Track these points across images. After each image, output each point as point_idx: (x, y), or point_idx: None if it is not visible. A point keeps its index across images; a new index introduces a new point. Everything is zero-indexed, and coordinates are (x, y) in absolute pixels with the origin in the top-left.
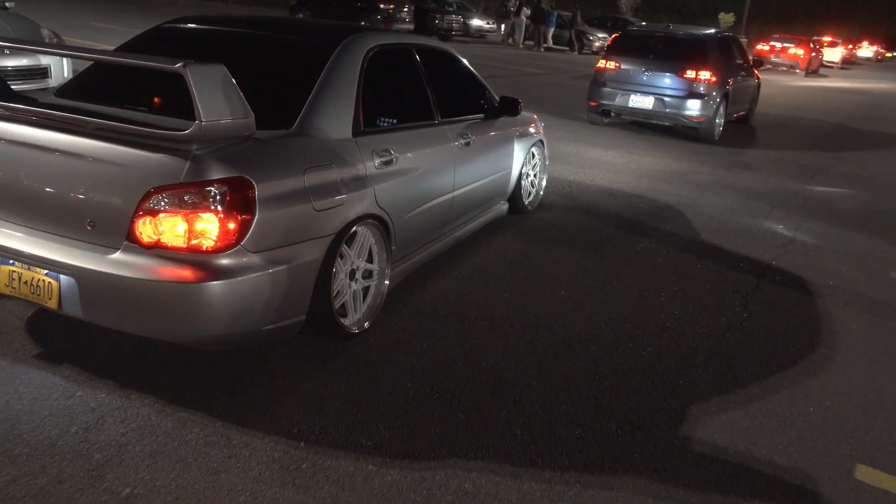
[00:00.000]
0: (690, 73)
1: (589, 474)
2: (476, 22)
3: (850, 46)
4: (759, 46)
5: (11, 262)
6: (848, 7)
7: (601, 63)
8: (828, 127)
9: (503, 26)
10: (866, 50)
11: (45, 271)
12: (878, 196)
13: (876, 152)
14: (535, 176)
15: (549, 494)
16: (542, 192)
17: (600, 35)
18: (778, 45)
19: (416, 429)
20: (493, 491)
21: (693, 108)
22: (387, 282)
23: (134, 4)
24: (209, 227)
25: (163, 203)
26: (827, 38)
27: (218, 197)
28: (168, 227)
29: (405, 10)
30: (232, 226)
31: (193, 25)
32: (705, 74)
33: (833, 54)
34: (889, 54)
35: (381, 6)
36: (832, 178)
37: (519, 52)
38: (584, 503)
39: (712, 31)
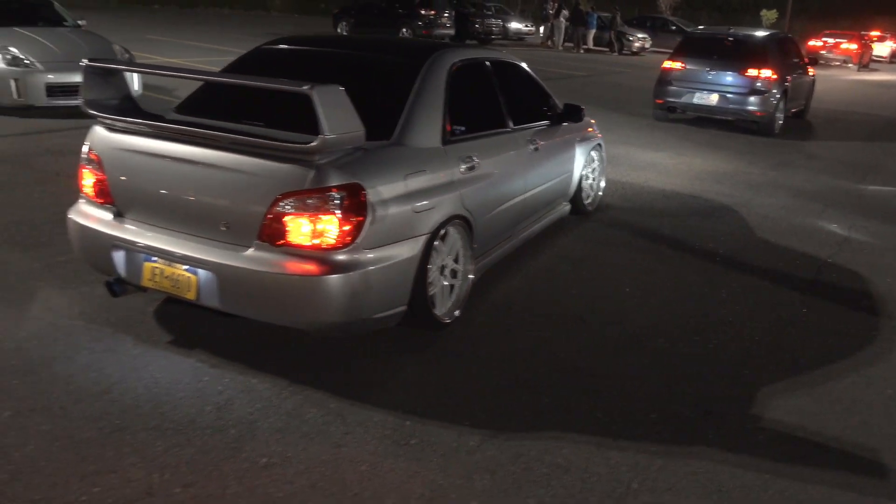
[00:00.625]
0: (752, 72)
1: (668, 452)
2: (514, 25)
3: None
4: (811, 43)
5: (154, 259)
6: (892, 1)
7: (667, 64)
8: (879, 122)
9: (542, 28)
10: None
11: (185, 267)
12: None
13: None
14: (594, 178)
15: (635, 468)
16: (601, 194)
17: (640, 35)
18: (830, 40)
19: (508, 411)
20: (583, 465)
21: (755, 103)
22: (470, 276)
23: (181, 17)
24: (329, 227)
25: (289, 207)
26: (875, 33)
27: (337, 201)
28: (294, 228)
29: (445, 15)
30: (348, 226)
31: (290, 47)
32: (766, 72)
33: (882, 49)
34: None
35: (422, 12)
36: (885, 175)
37: (559, 54)
38: (667, 477)
39: (771, 32)
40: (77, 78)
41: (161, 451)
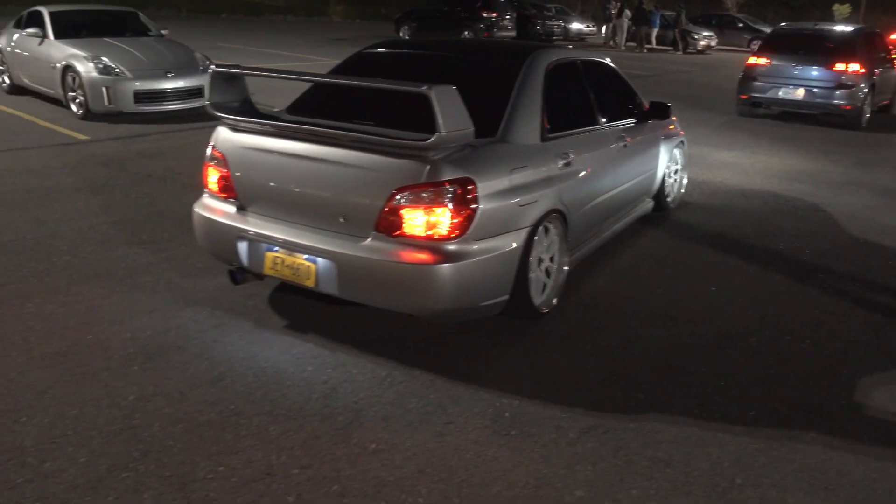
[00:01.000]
0: (840, 66)
1: (770, 449)
2: (576, 25)
3: None
4: (894, 36)
5: (276, 249)
6: None
7: (752, 60)
8: None
9: (604, 28)
10: None
11: (305, 256)
12: None
13: None
14: (676, 176)
15: (737, 463)
16: (682, 191)
17: (705, 34)
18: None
19: (604, 405)
20: (684, 459)
21: (842, 97)
22: (566, 268)
23: (247, 25)
24: (442, 219)
25: (405, 200)
26: None
27: (450, 194)
28: (409, 220)
29: (507, 17)
30: (459, 218)
31: (390, 50)
32: (854, 66)
33: None
34: None
35: (484, 15)
36: None
37: (621, 53)
38: (772, 473)
39: (857, 26)
40: (162, 85)
41: (276, 434)
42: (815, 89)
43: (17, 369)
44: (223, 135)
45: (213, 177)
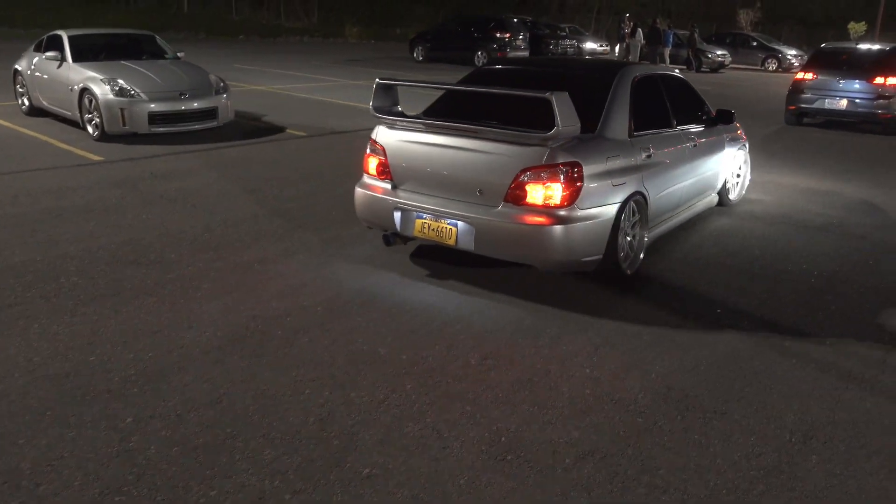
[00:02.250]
0: (879, 80)
1: (770, 476)
2: (589, 45)
3: None
4: None
5: (424, 216)
6: None
7: (800, 75)
8: None
9: (617, 48)
10: None
11: (448, 221)
12: None
13: None
14: (739, 174)
15: (735, 491)
16: (744, 190)
17: (719, 52)
18: None
19: (602, 429)
20: (681, 486)
21: (882, 107)
22: (646, 239)
23: (264, 47)
24: (556, 192)
25: (528, 177)
26: None
27: (563, 174)
28: (532, 192)
29: (521, 37)
30: (568, 191)
31: (503, 67)
32: (892, 80)
33: None
34: None
35: (497, 35)
36: None
37: None
38: (770, 501)
39: (893, 45)
40: (176, 106)
41: (270, 458)
42: (856, 100)
43: (18, 390)
44: (383, 131)
45: (372, 163)
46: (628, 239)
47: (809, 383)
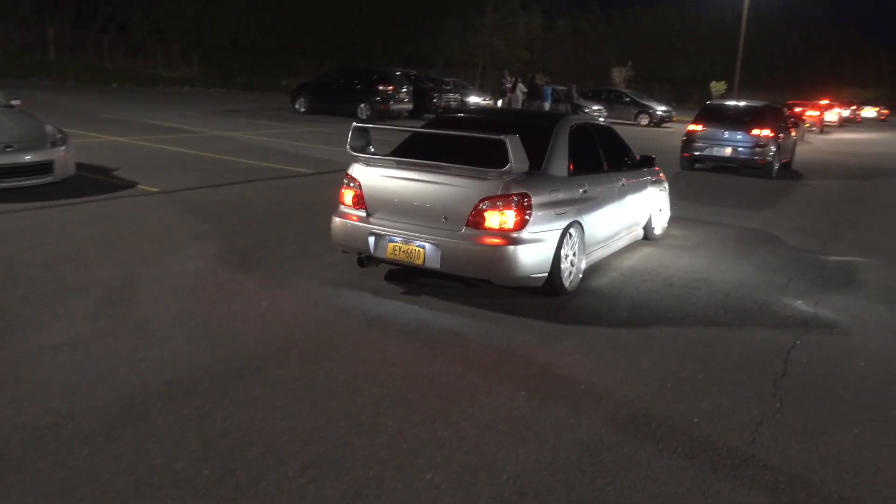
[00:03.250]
0: (756, 132)
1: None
2: (473, 98)
3: (854, 107)
4: (797, 109)
5: (396, 239)
6: (828, 73)
7: (692, 127)
8: (851, 164)
9: (500, 102)
10: (870, 111)
11: (417, 243)
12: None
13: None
14: (661, 211)
15: None
16: (666, 225)
17: (595, 107)
18: (797, 109)
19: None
20: None
21: (759, 154)
22: (583, 265)
23: (140, 96)
24: (510, 218)
25: (486, 205)
26: (824, 102)
27: (515, 203)
28: (489, 218)
29: (404, 90)
30: (519, 217)
31: (461, 115)
32: (766, 132)
33: (831, 115)
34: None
35: (380, 88)
36: (846, 245)
37: None
38: None
39: (766, 103)
40: (4, 160)
41: None
42: (739, 148)
43: None
44: (358, 167)
45: (348, 195)
46: (569, 261)
47: (676, 476)
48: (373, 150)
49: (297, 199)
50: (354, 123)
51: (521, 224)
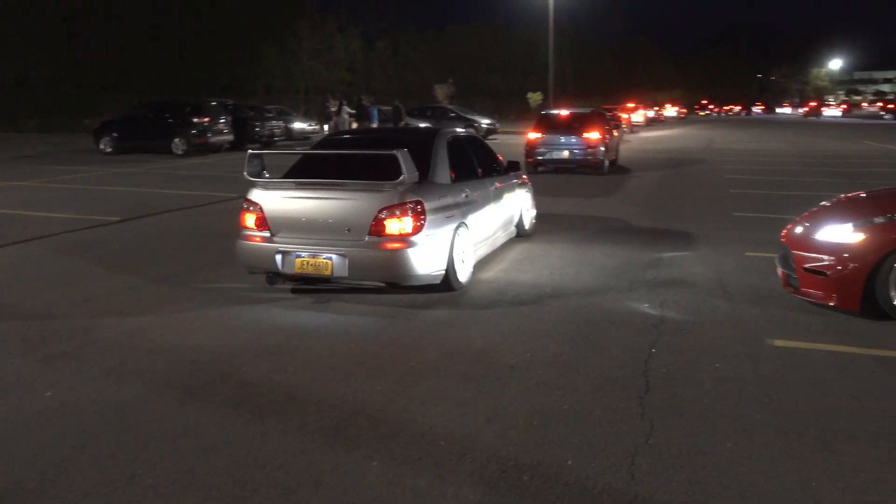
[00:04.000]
0: (587, 135)
1: None
2: (298, 125)
3: (657, 108)
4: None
5: (302, 255)
6: (628, 77)
7: (532, 135)
8: (663, 158)
9: (326, 127)
10: (671, 110)
11: (325, 256)
12: (718, 253)
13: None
14: (528, 210)
15: None
16: (534, 221)
17: (422, 125)
18: (607, 113)
19: None
20: None
21: (591, 154)
22: (473, 261)
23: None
24: (407, 224)
25: (385, 214)
26: (631, 105)
27: (411, 210)
28: (389, 225)
29: (222, 121)
30: (416, 223)
31: (344, 136)
32: (596, 135)
33: (637, 117)
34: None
35: (195, 120)
36: (673, 235)
37: None
38: None
39: (593, 109)
40: None
41: None
42: (574, 151)
43: None
44: (257, 192)
45: (250, 219)
46: (461, 259)
47: None
48: (267, 175)
49: (98, 255)
50: (249, 150)
51: (418, 228)
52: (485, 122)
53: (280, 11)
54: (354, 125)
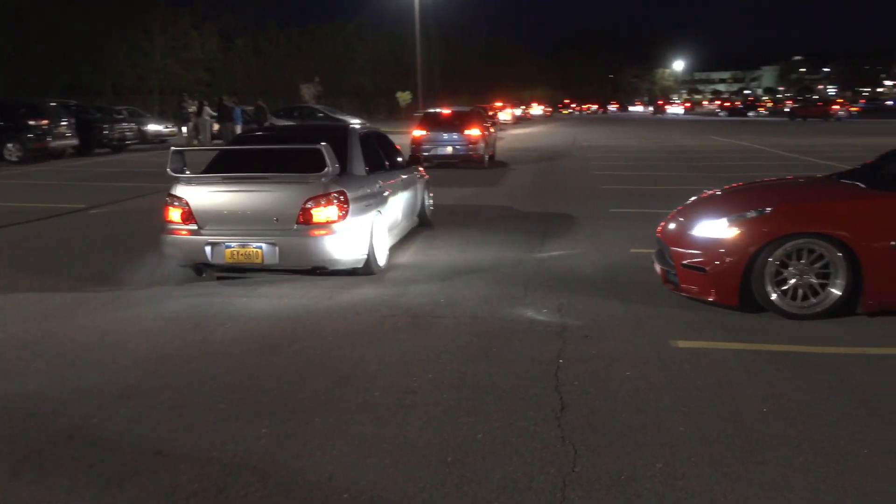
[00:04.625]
0: (468, 132)
1: None
2: (153, 127)
3: (524, 107)
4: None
5: (232, 245)
6: (493, 76)
7: (416, 133)
8: (537, 153)
9: (184, 129)
10: (537, 109)
11: (255, 245)
12: (604, 251)
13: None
14: (428, 201)
15: None
16: (432, 209)
17: (289, 125)
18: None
19: None
20: None
21: (472, 150)
22: (388, 247)
23: None
24: (332, 212)
25: (311, 204)
26: (499, 104)
27: (335, 199)
28: (315, 214)
29: (64, 123)
30: (341, 211)
31: (258, 133)
32: (476, 132)
33: (505, 115)
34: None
35: (32, 123)
36: (558, 237)
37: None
38: None
39: (472, 107)
40: None
41: None
42: (457, 146)
43: None
44: (181, 187)
45: (176, 213)
46: (379, 245)
47: None
48: (188, 171)
49: None
50: (172, 148)
51: (343, 217)
52: (355, 122)
53: (128, 5)
54: (216, 127)
